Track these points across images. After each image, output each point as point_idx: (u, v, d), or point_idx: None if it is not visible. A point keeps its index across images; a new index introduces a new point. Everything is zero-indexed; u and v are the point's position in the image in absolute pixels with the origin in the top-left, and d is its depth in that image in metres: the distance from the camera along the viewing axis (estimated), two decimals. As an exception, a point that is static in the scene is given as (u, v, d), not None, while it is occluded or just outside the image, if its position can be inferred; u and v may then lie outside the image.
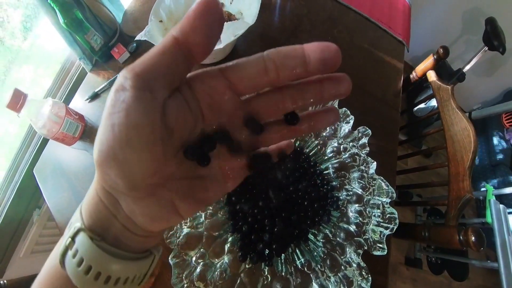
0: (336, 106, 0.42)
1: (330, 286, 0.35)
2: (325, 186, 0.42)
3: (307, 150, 0.45)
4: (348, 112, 0.41)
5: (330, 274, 0.36)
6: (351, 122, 0.42)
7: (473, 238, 0.52)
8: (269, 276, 0.37)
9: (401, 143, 0.96)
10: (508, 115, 1.50)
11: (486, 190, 1.18)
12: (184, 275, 0.34)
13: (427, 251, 1.31)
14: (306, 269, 0.37)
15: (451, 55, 1.51)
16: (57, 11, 0.55)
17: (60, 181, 0.58)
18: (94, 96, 0.65)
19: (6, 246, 0.78)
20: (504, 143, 1.50)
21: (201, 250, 0.36)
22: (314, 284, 0.36)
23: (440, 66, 1.48)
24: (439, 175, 1.58)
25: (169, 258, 0.34)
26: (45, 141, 0.67)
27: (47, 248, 0.90)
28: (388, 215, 0.38)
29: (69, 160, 0.59)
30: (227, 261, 0.36)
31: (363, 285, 0.35)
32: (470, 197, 0.64)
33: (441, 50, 0.74)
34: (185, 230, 0.37)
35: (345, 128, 0.42)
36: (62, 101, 0.75)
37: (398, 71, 0.72)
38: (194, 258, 0.35)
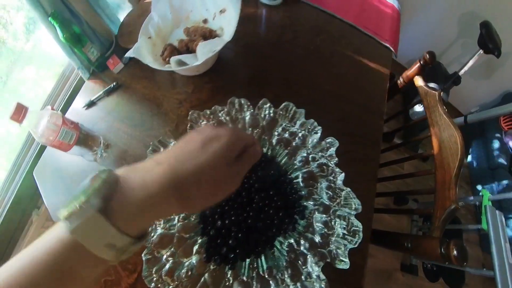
0: (303, 116, 0.43)
1: None
2: (293, 195, 0.43)
3: (279, 159, 0.46)
4: (316, 123, 0.43)
5: (289, 283, 0.38)
6: (319, 132, 0.43)
7: (455, 252, 0.50)
8: (231, 278, 0.39)
9: (397, 147, 0.96)
10: (506, 118, 1.49)
11: (482, 196, 1.17)
12: (154, 270, 0.37)
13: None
14: (267, 276, 0.39)
15: (447, 59, 1.52)
16: (56, 27, 0.59)
17: (57, 183, 0.61)
18: (90, 104, 0.68)
19: (6, 245, 0.83)
20: (503, 147, 1.49)
21: (172, 249, 0.40)
22: None
23: (436, 70, 1.48)
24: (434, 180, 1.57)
25: (142, 255, 0.38)
26: (44, 146, 0.70)
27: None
28: (353, 228, 0.39)
29: (66, 165, 0.63)
30: (194, 261, 0.39)
31: None
32: (455, 207, 0.63)
33: (427, 56, 0.74)
34: (159, 230, 0.41)
35: (314, 138, 0.43)
36: (61, 107, 0.79)
37: (383, 77, 0.72)
38: (165, 256, 0.39)
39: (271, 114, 0.44)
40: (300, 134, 0.43)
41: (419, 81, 0.79)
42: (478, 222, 1.30)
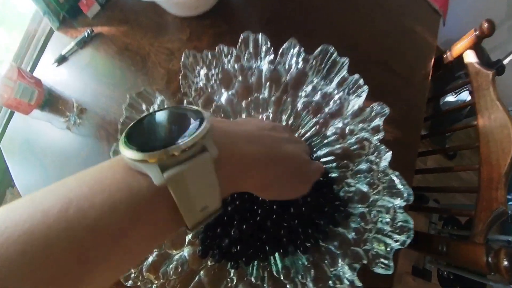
0: (345, 70, 0.32)
1: None
2: (322, 178, 0.34)
3: (302, 130, 0.36)
4: (362, 81, 0.32)
5: None
6: (363, 95, 0.33)
7: (505, 262, 0.43)
8: (234, 278, 0.31)
9: (421, 138, 0.86)
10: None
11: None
12: None
13: (439, 263, 1.22)
14: (282, 277, 0.30)
15: (491, 43, 1.36)
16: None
17: (27, 157, 0.53)
18: (62, 60, 0.58)
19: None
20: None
21: None
22: None
23: (477, 53, 1.34)
24: (462, 180, 1.46)
25: None
26: (12, 114, 0.61)
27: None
28: (400, 223, 0.30)
29: (35, 135, 0.54)
30: (186, 255, 0.32)
31: None
32: (504, 210, 0.55)
33: (485, 25, 0.62)
34: None
35: (355, 103, 0.33)
36: (30, 66, 0.68)
37: (430, 47, 0.61)
38: None
39: (300, 65, 0.33)
40: (336, 97, 0.33)
41: (469, 57, 0.67)
42: (504, 233, 1.20)
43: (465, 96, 1.32)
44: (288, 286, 0.30)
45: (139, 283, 0.29)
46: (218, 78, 0.33)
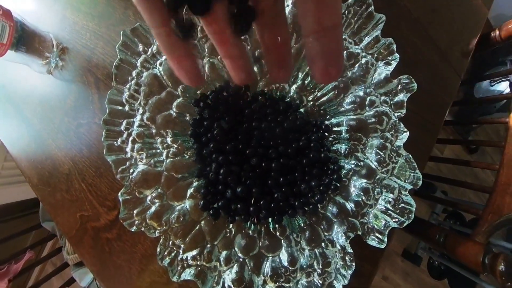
0: (380, 29, 0.31)
1: (301, 259, 0.32)
2: (327, 150, 0.34)
3: (319, 94, 0.35)
4: (394, 46, 0.31)
5: (305, 247, 0.32)
6: (394, 64, 0.31)
7: (502, 267, 0.46)
8: (233, 229, 0.34)
9: (444, 124, 0.84)
10: None
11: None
12: (135, 212, 0.32)
13: (433, 252, 1.28)
14: (278, 234, 0.33)
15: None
16: None
17: (5, 107, 0.50)
18: None
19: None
20: None
21: (159, 190, 0.34)
22: (283, 251, 0.32)
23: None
24: (477, 178, 1.47)
25: (119, 194, 0.32)
26: None
27: (8, 181, 0.90)
28: (402, 204, 0.31)
29: (13, 81, 0.50)
30: (187, 206, 0.34)
31: (342, 271, 0.31)
32: None
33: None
34: (141, 166, 0.34)
35: (382, 71, 0.32)
36: None
37: (479, 17, 0.57)
38: (149, 197, 0.33)
39: None
40: (363, 60, 0.32)
41: (523, 40, 0.63)
42: (508, 240, 1.23)
43: (504, 87, 1.26)
44: (282, 242, 0.33)
45: (142, 229, 0.32)
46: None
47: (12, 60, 0.44)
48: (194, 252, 0.32)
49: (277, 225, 0.33)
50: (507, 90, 1.22)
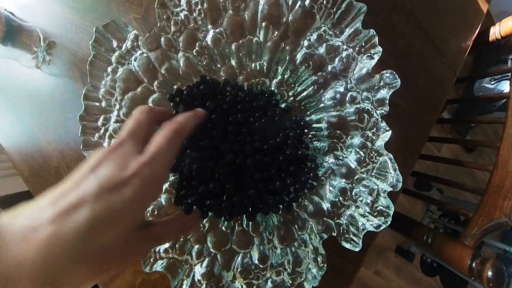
0: (360, 20, 0.29)
1: (271, 257, 0.31)
2: (304, 148, 0.32)
3: (298, 89, 0.34)
4: (376, 39, 0.29)
5: (277, 245, 0.31)
6: (376, 58, 0.30)
7: (489, 273, 0.44)
8: (206, 225, 0.33)
9: (441, 121, 0.82)
10: None
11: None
12: None
13: (426, 250, 1.27)
14: (251, 231, 0.32)
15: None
16: None
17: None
18: None
19: None
20: None
21: None
22: (254, 248, 0.32)
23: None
24: (474, 178, 1.45)
25: None
26: None
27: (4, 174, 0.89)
28: (381, 207, 0.29)
29: (3, 75, 0.49)
30: (163, 201, 0.34)
31: (313, 271, 0.30)
32: (506, 222, 0.54)
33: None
34: None
35: (364, 65, 0.30)
36: None
37: (477, 13, 0.54)
38: None
39: (307, 2, 0.29)
40: (344, 54, 0.30)
41: (522, 38, 0.60)
42: (503, 241, 1.22)
43: (504, 86, 1.23)
44: (255, 239, 0.32)
45: None
46: (204, 9, 0.29)
47: (1, 55, 0.44)
48: (167, 245, 0.32)
49: (250, 222, 0.32)
50: (508, 89, 1.18)
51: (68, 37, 0.47)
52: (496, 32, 0.64)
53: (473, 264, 0.47)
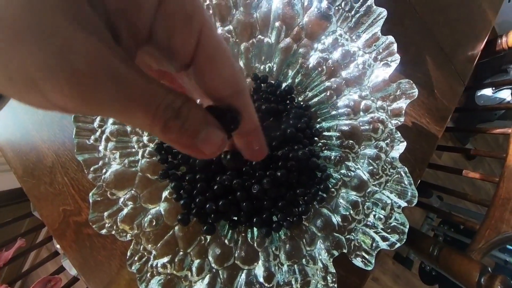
0: (379, 25, 0.26)
1: (277, 275, 0.28)
2: (315, 157, 0.30)
3: (310, 94, 0.31)
4: (395, 46, 0.26)
5: (284, 261, 0.28)
6: (393, 66, 0.27)
7: None
8: (208, 237, 0.31)
9: (445, 130, 0.79)
10: None
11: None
12: (106, 214, 0.30)
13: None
14: (256, 245, 0.30)
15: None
16: None
17: None
18: None
19: None
20: None
21: (132, 191, 0.31)
22: (260, 264, 0.29)
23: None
24: (474, 186, 1.42)
25: (90, 194, 0.31)
26: None
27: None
28: (395, 223, 0.27)
29: None
30: (162, 210, 0.31)
31: None
32: None
33: None
34: (115, 166, 0.32)
35: (380, 73, 0.28)
36: None
37: (486, 24, 0.53)
38: (122, 199, 0.31)
39: (323, 3, 0.26)
40: (360, 60, 0.28)
41: (531, 48, 0.58)
42: (505, 251, 1.19)
43: (506, 95, 1.21)
44: (260, 254, 0.29)
45: (113, 232, 0.30)
46: (212, 5, 0.27)
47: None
48: (165, 259, 0.29)
49: (255, 235, 0.29)
50: (509, 98, 1.17)
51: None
52: (503, 42, 0.62)
53: (482, 280, 0.44)
